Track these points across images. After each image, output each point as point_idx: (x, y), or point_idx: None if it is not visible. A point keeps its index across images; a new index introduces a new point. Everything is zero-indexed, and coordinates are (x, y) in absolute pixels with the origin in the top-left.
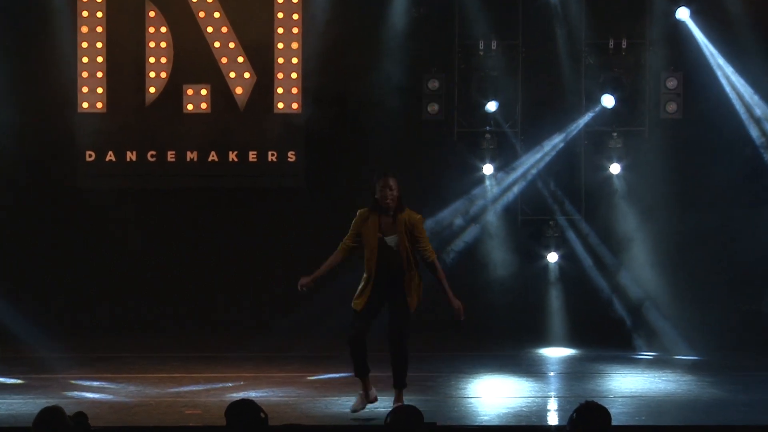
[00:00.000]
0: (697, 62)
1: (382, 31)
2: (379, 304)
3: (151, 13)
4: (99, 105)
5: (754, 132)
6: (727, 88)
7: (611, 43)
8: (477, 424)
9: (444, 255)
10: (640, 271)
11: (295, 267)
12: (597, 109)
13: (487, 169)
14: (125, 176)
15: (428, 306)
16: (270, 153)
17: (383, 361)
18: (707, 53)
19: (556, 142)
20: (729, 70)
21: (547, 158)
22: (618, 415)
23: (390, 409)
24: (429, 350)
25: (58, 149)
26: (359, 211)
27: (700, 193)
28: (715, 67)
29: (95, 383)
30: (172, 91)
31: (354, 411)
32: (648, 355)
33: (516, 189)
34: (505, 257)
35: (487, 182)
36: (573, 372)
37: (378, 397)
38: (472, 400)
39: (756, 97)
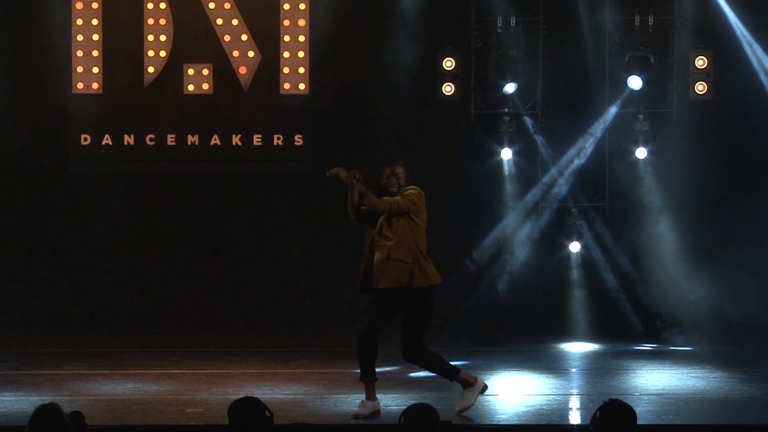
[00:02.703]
0: (728, 40)
1: (394, 7)
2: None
3: None
4: (95, 86)
5: None
6: (757, 68)
7: (637, 19)
8: (494, 422)
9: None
10: (669, 260)
11: (301, 256)
12: (625, 93)
13: (506, 153)
14: (122, 161)
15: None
16: (276, 136)
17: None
18: (737, 31)
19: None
20: (759, 49)
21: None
22: (644, 413)
23: (404, 408)
24: (444, 345)
25: (51, 132)
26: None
27: (732, 179)
28: (745, 45)
29: (90, 380)
30: (172, 71)
31: (354, 417)
32: (676, 350)
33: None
34: (525, 247)
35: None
36: (596, 368)
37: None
38: (489, 398)
39: None
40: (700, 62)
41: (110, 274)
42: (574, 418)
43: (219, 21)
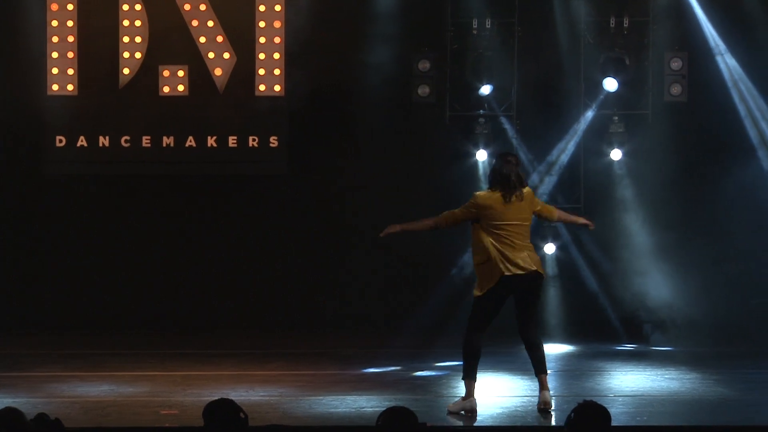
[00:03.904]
0: (702, 41)
1: (370, 8)
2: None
3: None
4: (70, 87)
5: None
6: (727, 76)
7: (612, 21)
8: (469, 424)
9: None
10: (644, 261)
11: (276, 258)
12: (601, 95)
13: (481, 155)
14: (97, 162)
15: (415, 303)
16: (251, 138)
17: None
18: (709, 35)
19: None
20: (726, 53)
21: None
22: (618, 415)
23: (380, 410)
24: (419, 347)
25: (25, 134)
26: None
27: (707, 180)
28: (715, 50)
29: (65, 382)
30: (148, 73)
31: (449, 412)
32: (651, 350)
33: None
34: None
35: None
36: (571, 369)
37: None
38: None
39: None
40: (675, 64)
41: (85, 276)
42: (549, 419)
43: (194, 22)
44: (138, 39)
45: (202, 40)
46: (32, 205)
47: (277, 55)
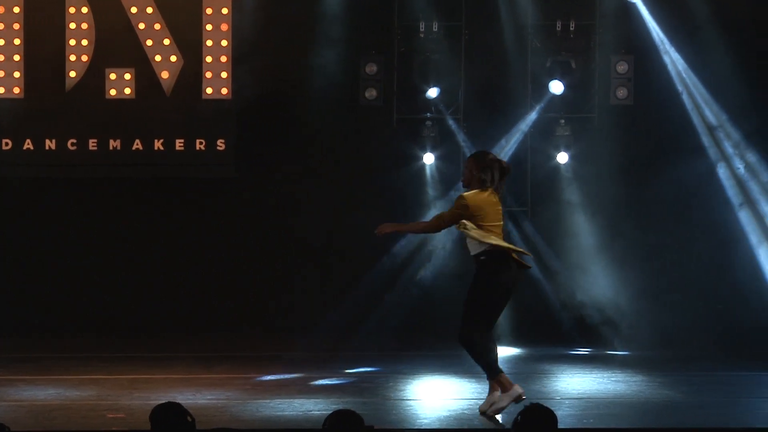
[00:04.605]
0: (648, 45)
1: (317, 11)
2: None
3: None
4: (16, 90)
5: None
6: (674, 74)
7: (559, 24)
8: (416, 427)
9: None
10: (590, 263)
11: (224, 260)
12: (546, 98)
13: (428, 158)
14: (44, 165)
15: (363, 305)
16: (198, 141)
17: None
18: (656, 36)
19: (509, 139)
20: (675, 55)
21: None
22: (564, 417)
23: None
24: (367, 350)
25: None
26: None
27: (652, 183)
28: (663, 54)
29: (11, 385)
30: (94, 76)
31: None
32: (598, 354)
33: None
34: (445, 251)
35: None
36: (518, 372)
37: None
38: (411, 403)
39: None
40: (621, 67)
41: (31, 280)
42: (496, 422)
43: (141, 25)
44: (84, 42)
45: (149, 43)
46: None
47: (224, 58)
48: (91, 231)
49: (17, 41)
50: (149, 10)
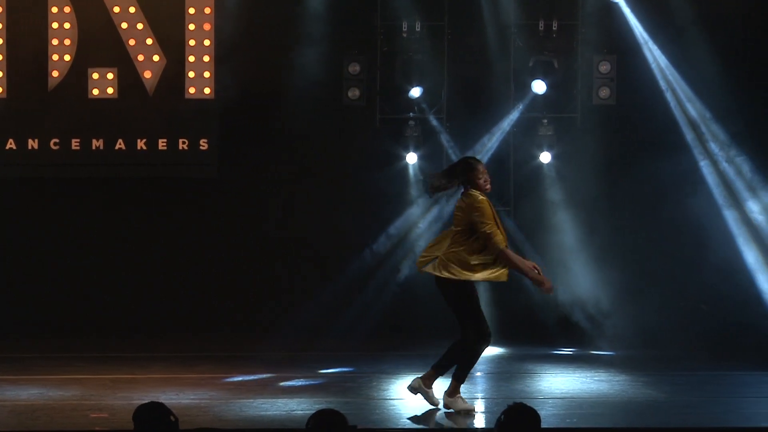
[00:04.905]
0: (630, 45)
1: (299, 11)
2: None
3: None
4: None
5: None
6: (658, 75)
7: (541, 24)
8: (400, 427)
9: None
10: (574, 262)
11: (207, 260)
12: (529, 97)
13: (411, 158)
14: (26, 165)
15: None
16: (181, 141)
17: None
18: (639, 36)
19: (491, 137)
20: (658, 53)
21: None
22: (548, 417)
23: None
24: (350, 350)
25: None
26: (482, 198)
27: (635, 183)
28: (646, 51)
29: None
30: (77, 75)
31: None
32: (582, 353)
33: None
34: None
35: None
36: (501, 372)
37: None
38: (394, 402)
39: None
40: (604, 67)
41: (13, 280)
42: (479, 421)
43: (124, 25)
44: (67, 41)
45: (132, 42)
46: None
47: (206, 58)
48: (72, 229)
49: None
50: (132, 9)
